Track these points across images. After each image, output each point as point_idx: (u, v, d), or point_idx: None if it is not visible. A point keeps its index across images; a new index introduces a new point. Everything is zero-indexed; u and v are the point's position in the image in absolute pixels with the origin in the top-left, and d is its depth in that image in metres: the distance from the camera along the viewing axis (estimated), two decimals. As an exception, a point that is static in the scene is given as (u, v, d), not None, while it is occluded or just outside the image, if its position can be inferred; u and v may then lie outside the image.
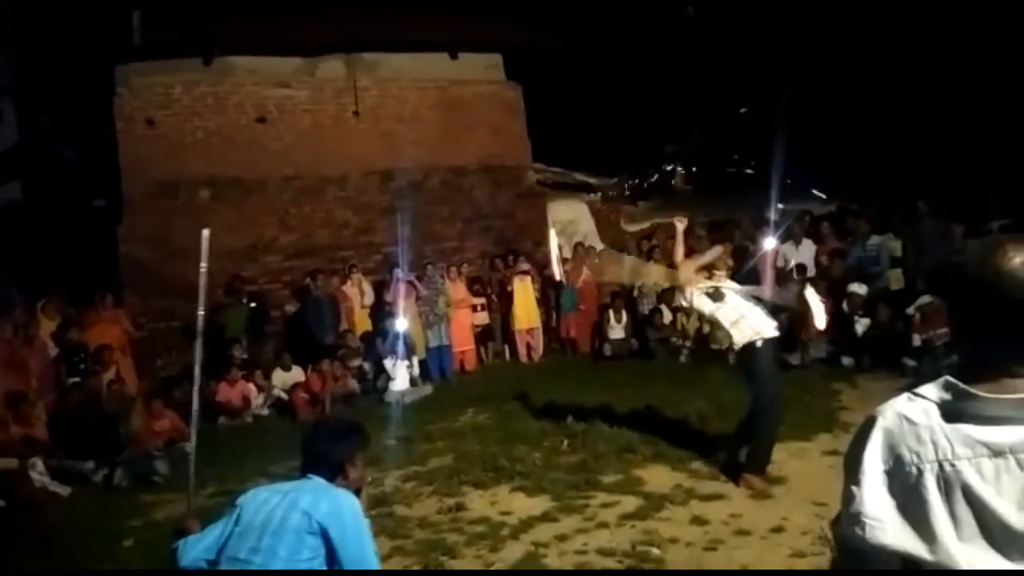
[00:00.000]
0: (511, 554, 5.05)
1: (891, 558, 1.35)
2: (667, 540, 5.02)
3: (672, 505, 5.60)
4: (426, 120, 12.47)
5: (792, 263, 10.68)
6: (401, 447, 7.76)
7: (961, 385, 1.35)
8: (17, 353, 8.42)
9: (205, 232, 3.60)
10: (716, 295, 5.96)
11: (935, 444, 1.34)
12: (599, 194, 14.30)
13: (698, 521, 5.29)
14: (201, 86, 11.28)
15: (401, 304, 10.64)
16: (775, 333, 5.96)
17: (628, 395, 8.35)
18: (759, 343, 5.85)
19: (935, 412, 1.36)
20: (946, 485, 1.32)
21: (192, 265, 11.36)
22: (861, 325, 9.35)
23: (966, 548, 1.29)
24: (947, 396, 1.37)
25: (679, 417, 7.59)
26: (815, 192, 12.61)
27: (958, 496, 1.31)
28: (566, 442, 7.14)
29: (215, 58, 11.35)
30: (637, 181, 15.07)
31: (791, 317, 10.15)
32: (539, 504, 5.84)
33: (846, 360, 9.32)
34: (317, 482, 2.87)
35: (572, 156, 14.18)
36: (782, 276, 10.74)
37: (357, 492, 2.95)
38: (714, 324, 6.17)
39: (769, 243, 10.70)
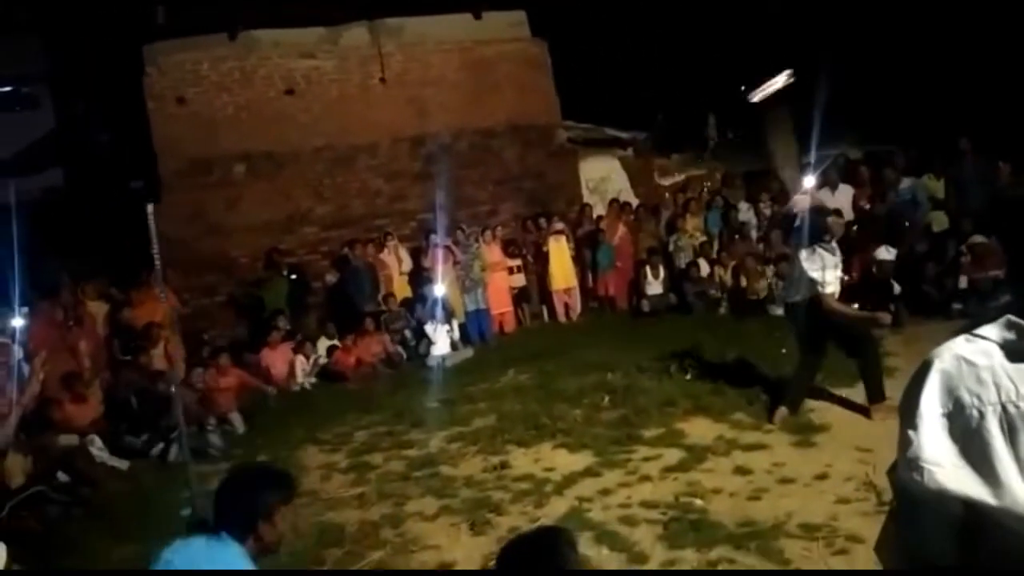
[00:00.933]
0: (555, 509, 5.14)
1: (952, 504, 1.29)
2: (710, 491, 5.06)
3: (714, 456, 5.63)
4: (452, 83, 12.40)
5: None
6: (444, 409, 7.87)
7: (1021, 322, 1.29)
8: (68, 335, 8.66)
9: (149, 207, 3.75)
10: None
11: (998, 385, 1.28)
12: (631, 149, 14.10)
13: (741, 471, 5.31)
14: (228, 61, 11.33)
15: (439, 269, 10.72)
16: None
17: (667, 350, 8.34)
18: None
19: (997, 352, 1.31)
20: (1010, 427, 1.26)
21: (230, 241, 11.58)
22: (896, 287, 9.10)
23: None
24: (1010, 335, 1.31)
25: (719, 370, 7.57)
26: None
27: (1022, 439, 1.25)
28: (607, 398, 7.18)
29: (240, 32, 11.37)
30: (669, 133, 14.82)
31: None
32: (582, 460, 5.91)
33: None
34: (209, 546, 2.43)
35: (602, 111, 13.97)
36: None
37: (266, 552, 2.54)
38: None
39: (803, 187, 10.54)
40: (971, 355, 1.33)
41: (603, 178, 13.57)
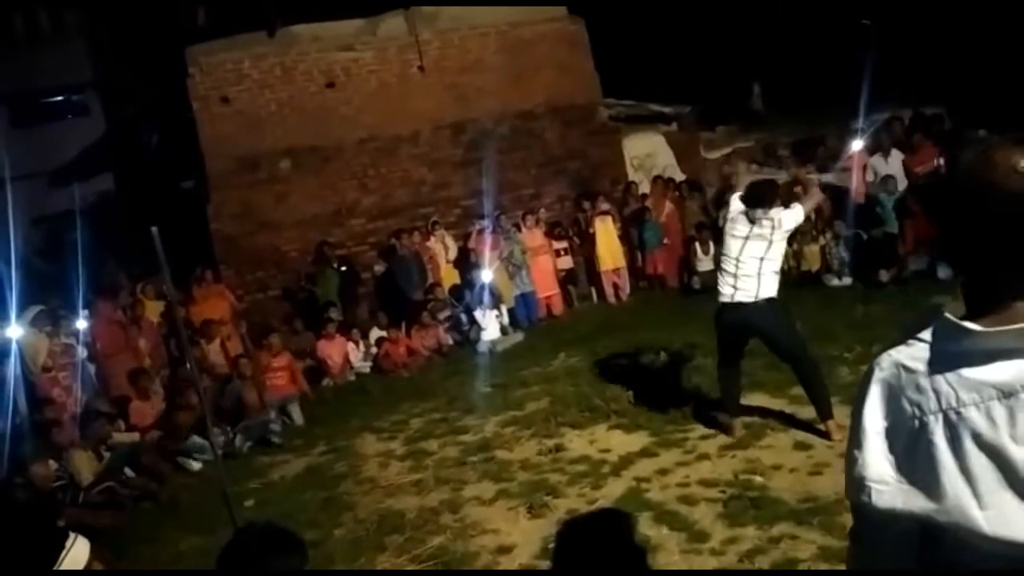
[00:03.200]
0: (613, 490, 5.11)
1: (903, 522, 1.23)
2: (770, 467, 4.98)
3: (773, 432, 5.54)
4: (490, 67, 12.35)
5: (880, 175, 10.21)
6: (497, 394, 7.90)
7: (956, 321, 1.20)
8: (128, 334, 8.90)
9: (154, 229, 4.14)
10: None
11: (937, 392, 1.20)
12: (675, 123, 13.90)
13: (801, 446, 5.22)
14: (268, 58, 11.46)
15: (486, 255, 10.74)
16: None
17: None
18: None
19: (933, 355, 1.22)
20: (954, 436, 1.18)
21: (280, 236, 11.74)
22: None
23: (986, 503, 1.15)
24: (945, 337, 1.22)
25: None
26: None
27: (969, 447, 1.16)
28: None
29: (278, 29, 11.48)
30: (714, 105, 14.55)
31: (884, 234, 9.80)
32: (637, 440, 5.87)
33: (942, 271, 8.88)
34: None
35: (644, 87, 13.79)
36: (871, 189, 10.33)
37: None
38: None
39: (854, 153, 10.26)
40: (910, 361, 1.24)
41: (648, 155, 13.41)
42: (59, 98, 15.53)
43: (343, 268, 11.07)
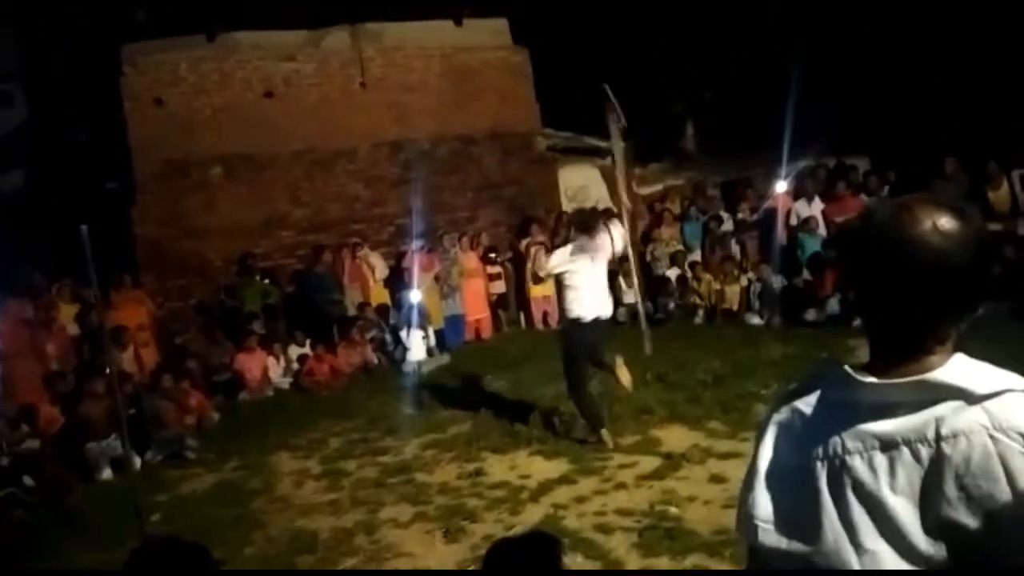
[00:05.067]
0: (531, 516, 5.12)
1: (785, 562, 1.26)
2: (685, 499, 5.07)
3: (690, 464, 5.64)
4: (433, 89, 12.38)
5: (802, 218, 10.63)
6: (420, 416, 7.84)
7: (848, 372, 1.25)
8: (36, 337, 8.52)
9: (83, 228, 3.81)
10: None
11: (826, 438, 1.24)
12: (610, 158, 14.15)
13: (716, 479, 5.33)
14: (207, 63, 11.23)
15: (416, 275, 10.68)
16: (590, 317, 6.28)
17: (644, 357, 8.35)
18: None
19: (826, 403, 1.27)
20: (836, 483, 1.22)
21: (206, 244, 11.45)
22: None
23: (863, 550, 1.18)
24: (836, 385, 1.27)
25: (696, 378, 7.60)
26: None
27: (849, 494, 1.21)
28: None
29: (219, 34, 11.28)
30: (647, 143, 14.89)
31: (804, 282, 10.16)
32: (557, 467, 5.91)
33: (857, 320, 9.24)
34: None
35: (582, 120, 14.02)
36: (794, 232, 10.71)
37: None
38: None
39: (778, 196, 10.64)
40: (804, 406, 1.30)
41: (582, 186, 13.60)
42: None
43: (266, 280, 10.86)
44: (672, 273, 11.37)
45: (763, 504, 1.30)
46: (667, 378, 7.63)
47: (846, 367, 1.26)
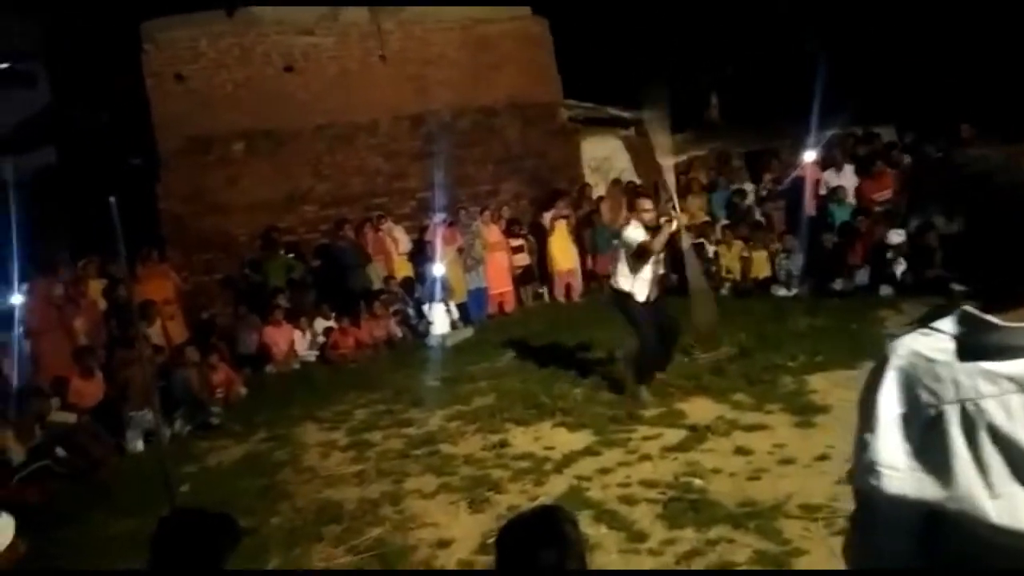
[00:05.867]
0: (555, 488, 5.12)
1: (910, 509, 1.25)
2: (710, 471, 5.04)
3: (715, 436, 5.61)
4: (453, 61, 12.29)
5: (831, 187, 10.47)
6: (444, 388, 7.86)
7: (980, 315, 1.23)
8: (64, 313, 8.63)
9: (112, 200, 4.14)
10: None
11: (955, 382, 1.22)
12: (633, 128, 14.00)
13: (741, 451, 5.29)
14: (226, 38, 11.22)
15: (439, 249, 10.68)
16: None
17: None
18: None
19: (953, 347, 1.25)
20: (969, 427, 1.20)
21: (230, 219, 11.52)
22: (900, 267, 9.15)
23: (997, 493, 1.18)
24: (965, 328, 1.25)
25: (721, 349, 7.55)
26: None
27: (984, 438, 1.19)
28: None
29: (238, 9, 11.25)
30: (672, 113, 14.71)
31: (834, 244, 10.02)
32: (581, 439, 5.90)
33: (884, 290, 9.15)
34: None
35: (604, 90, 13.87)
36: (824, 201, 10.56)
37: None
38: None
39: (807, 166, 10.48)
40: (928, 351, 1.27)
41: (605, 158, 13.50)
42: (3, 66, 15.00)
43: (291, 255, 10.91)
44: (698, 243, 11.24)
45: (887, 450, 1.28)
46: (692, 350, 7.58)
47: (975, 311, 1.24)
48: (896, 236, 9.29)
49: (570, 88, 13.28)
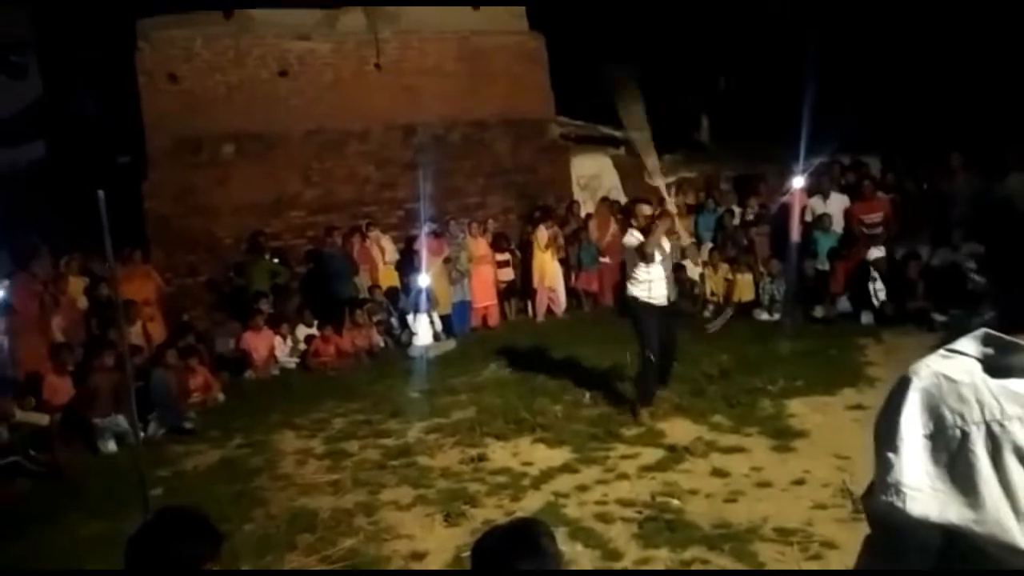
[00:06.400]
0: (532, 503, 5.11)
1: (933, 531, 1.23)
2: (687, 491, 5.05)
3: (693, 457, 5.63)
4: (448, 73, 12.32)
5: (817, 214, 10.55)
6: (424, 400, 7.84)
7: (1005, 337, 1.23)
8: (43, 309, 8.53)
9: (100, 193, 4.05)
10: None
11: (981, 403, 1.21)
12: (623, 148, 14.08)
13: (719, 473, 5.31)
14: (222, 40, 11.20)
15: (425, 260, 10.66)
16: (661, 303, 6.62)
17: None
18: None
19: (978, 368, 1.24)
20: (995, 448, 1.19)
21: (216, 221, 11.45)
22: (878, 290, 9.24)
23: (1023, 515, 1.17)
24: (990, 350, 1.24)
25: (702, 371, 7.57)
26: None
27: (1010, 459, 1.18)
28: (587, 395, 7.16)
29: (235, 11, 11.25)
30: (661, 134, 14.81)
31: (816, 272, 10.10)
32: (560, 455, 5.90)
33: (865, 318, 9.23)
34: None
35: (596, 109, 13.94)
36: (808, 228, 10.63)
37: None
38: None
39: (794, 192, 10.57)
40: (951, 372, 1.26)
41: (594, 175, 13.56)
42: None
43: (276, 260, 10.85)
44: (681, 265, 11.29)
45: (911, 471, 1.26)
46: (673, 371, 7.59)
47: (998, 333, 1.25)
48: (876, 251, 9.42)
49: (562, 105, 13.35)
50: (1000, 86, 11.58)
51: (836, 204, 10.67)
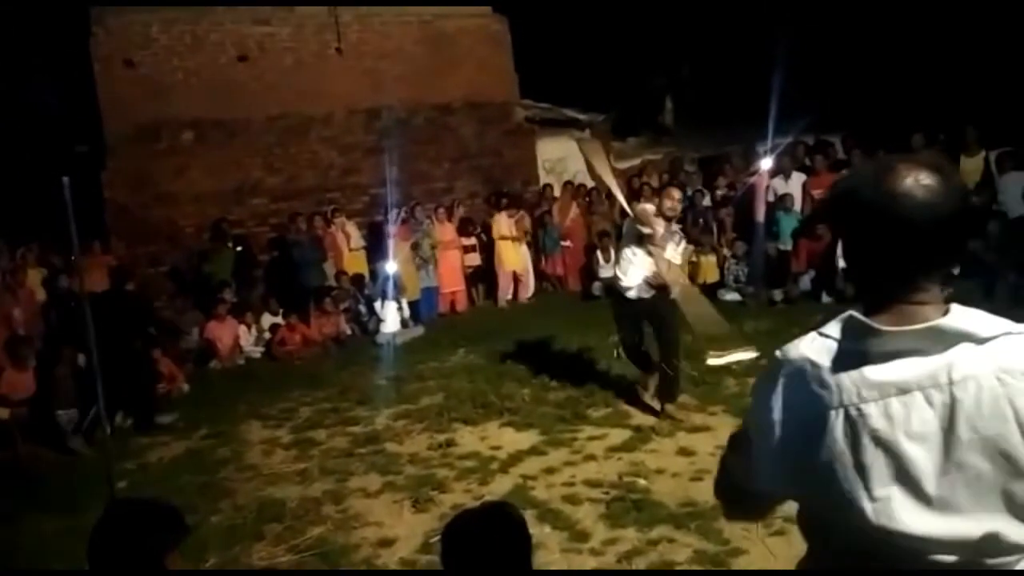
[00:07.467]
0: (500, 487, 5.14)
1: (804, 506, 1.33)
2: (653, 471, 5.11)
3: (659, 437, 5.69)
4: (410, 56, 12.21)
5: (779, 194, 10.64)
6: (392, 386, 7.81)
7: (863, 320, 1.25)
8: (2, 301, 8.36)
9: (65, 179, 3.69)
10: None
11: (839, 387, 1.24)
12: (588, 130, 14.09)
13: (684, 452, 5.38)
14: (179, 24, 10.98)
15: (392, 246, 10.60)
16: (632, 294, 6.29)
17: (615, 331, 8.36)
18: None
19: (840, 352, 1.27)
20: (852, 432, 1.22)
21: (177, 210, 11.27)
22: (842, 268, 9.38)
23: (876, 496, 1.20)
24: (850, 333, 1.27)
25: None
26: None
27: (866, 442, 1.22)
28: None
29: (192, -5, 11.03)
30: (626, 117, 14.85)
31: (778, 251, 10.22)
32: (528, 439, 5.92)
33: (825, 298, 9.37)
34: None
35: (561, 91, 13.93)
36: (771, 209, 10.74)
37: None
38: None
39: (759, 174, 10.65)
40: (815, 355, 1.29)
41: (560, 159, 13.54)
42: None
43: (239, 248, 10.72)
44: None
45: (770, 453, 1.32)
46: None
47: (860, 317, 1.27)
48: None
49: (526, 88, 13.31)
50: (964, 66, 11.75)
51: (798, 184, 10.77)
